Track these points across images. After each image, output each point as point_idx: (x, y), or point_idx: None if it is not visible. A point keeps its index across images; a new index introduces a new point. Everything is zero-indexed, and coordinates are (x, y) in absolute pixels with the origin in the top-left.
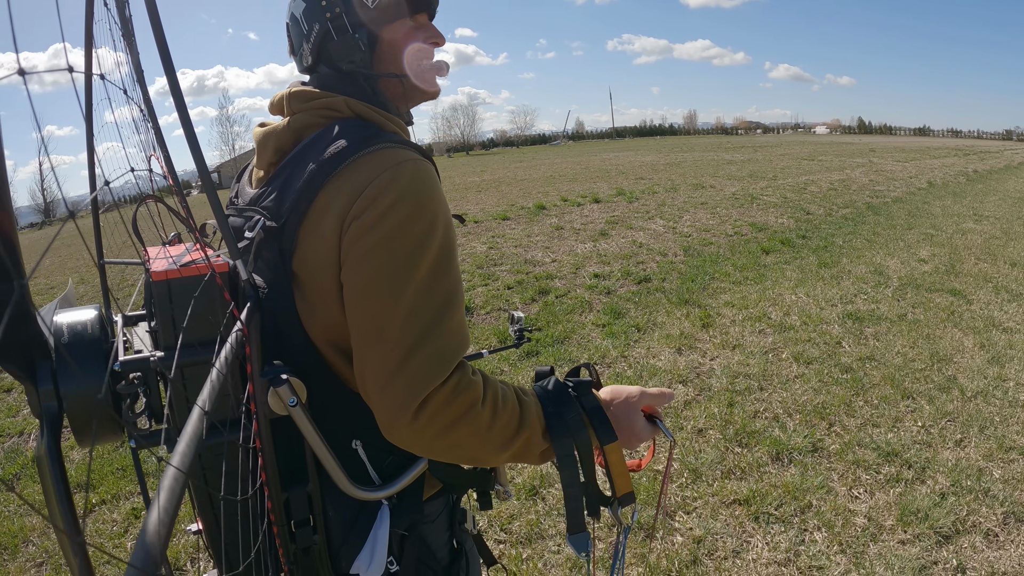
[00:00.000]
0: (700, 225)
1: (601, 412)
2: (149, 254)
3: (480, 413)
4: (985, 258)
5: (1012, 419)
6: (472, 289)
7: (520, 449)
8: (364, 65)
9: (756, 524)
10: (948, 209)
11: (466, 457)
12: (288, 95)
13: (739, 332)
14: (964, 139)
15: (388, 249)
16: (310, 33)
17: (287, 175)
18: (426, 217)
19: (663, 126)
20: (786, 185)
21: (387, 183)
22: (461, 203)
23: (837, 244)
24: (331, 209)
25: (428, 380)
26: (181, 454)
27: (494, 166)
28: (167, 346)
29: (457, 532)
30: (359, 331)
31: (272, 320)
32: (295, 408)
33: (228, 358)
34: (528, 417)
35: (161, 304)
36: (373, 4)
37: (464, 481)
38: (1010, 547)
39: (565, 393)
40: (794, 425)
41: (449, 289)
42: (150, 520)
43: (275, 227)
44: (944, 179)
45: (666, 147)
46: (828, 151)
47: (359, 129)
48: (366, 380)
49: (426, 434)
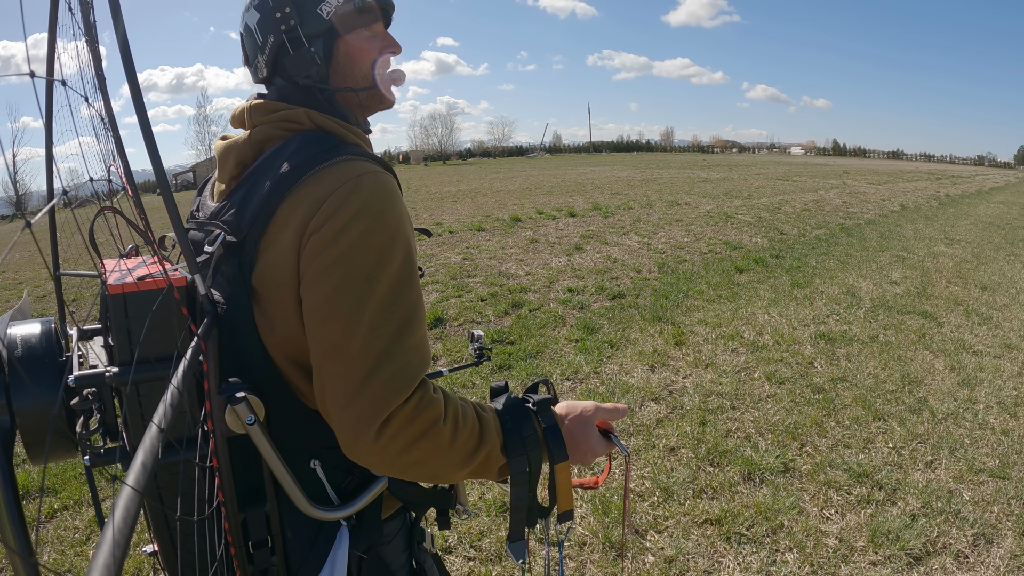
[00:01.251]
0: (675, 242)
1: (557, 431)
2: (106, 267)
3: (442, 430)
4: (956, 281)
5: (982, 441)
6: (445, 300)
7: (480, 465)
8: (321, 79)
9: (728, 544)
10: (920, 232)
11: (427, 474)
12: (249, 108)
13: (712, 350)
14: (937, 163)
15: (348, 264)
16: (264, 45)
17: (247, 189)
18: (386, 231)
19: (640, 142)
20: (761, 204)
21: (347, 195)
22: (437, 212)
23: (810, 265)
24: (291, 222)
25: (391, 399)
26: (136, 473)
27: (471, 176)
28: (123, 361)
29: (416, 552)
30: (319, 348)
31: (230, 336)
32: (253, 426)
33: (185, 375)
34: (488, 433)
35: (117, 318)
36: (328, 15)
37: (424, 500)
38: (980, 569)
39: (523, 410)
40: (766, 445)
41: (410, 305)
42: (104, 541)
43: (235, 242)
44: (917, 202)
45: (642, 163)
46: (803, 172)
47: (320, 141)
48: (326, 398)
49: (388, 452)
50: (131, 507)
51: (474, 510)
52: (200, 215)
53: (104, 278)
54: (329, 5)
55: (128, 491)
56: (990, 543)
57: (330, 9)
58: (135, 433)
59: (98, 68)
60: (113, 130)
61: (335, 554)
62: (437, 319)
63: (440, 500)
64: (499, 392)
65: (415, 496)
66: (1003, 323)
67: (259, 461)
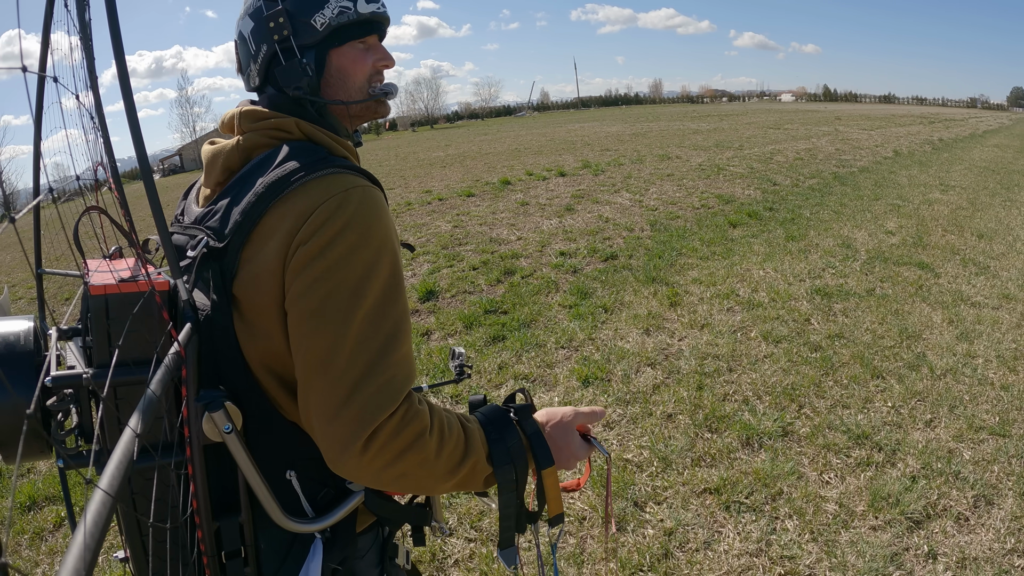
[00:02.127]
0: (666, 198)
1: (540, 437)
2: (89, 267)
3: (428, 443)
4: (952, 229)
5: (981, 398)
6: (437, 271)
7: (466, 476)
8: (311, 91)
9: (727, 514)
10: (914, 179)
11: (413, 486)
12: (239, 114)
13: (707, 310)
14: (929, 107)
15: (335, 278)
16: (257, 54)
17: (233, 195)
18: (373, 245)
19: (628, 95)
20: (752, 155)
21: (334, 209)
22: (425, 179)
23: (804, 216)
24: (276, 233)
25: (377, 413)
26: (110, 477)
27: (459, 140)
28: (101, 363)
29: (388, 567)
30: (304, 362)
31: (209, 343)
32: (230, 435)
33: (163, 379)
34: (473, 444)
35: (97, 319)
36: (323, 26)
37: (399, 516)
38: (980, 531)
39: (506, 419)
40: (764, 408)
41: (397, 319)
42: (74, 545)
43: (218, 247)
44: (910, 148)
45: (632, 117)
46: (794, 119)
47: (308, 152)
48: (311, 411)
49: (375, 466)
50: (103, 511)
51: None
52: (184, 219)
53: (87, 278)
54: (324, 16)
55: (100, 495)
56: (991, 504)
57: (324, 20)
58: (111, 436)
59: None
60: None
61: (308, 566)
62: (429, 292)
63: (415, 516)
64: (478, 405)
65: (390, 512)
66: (1000, 272)
67: (235, 470)
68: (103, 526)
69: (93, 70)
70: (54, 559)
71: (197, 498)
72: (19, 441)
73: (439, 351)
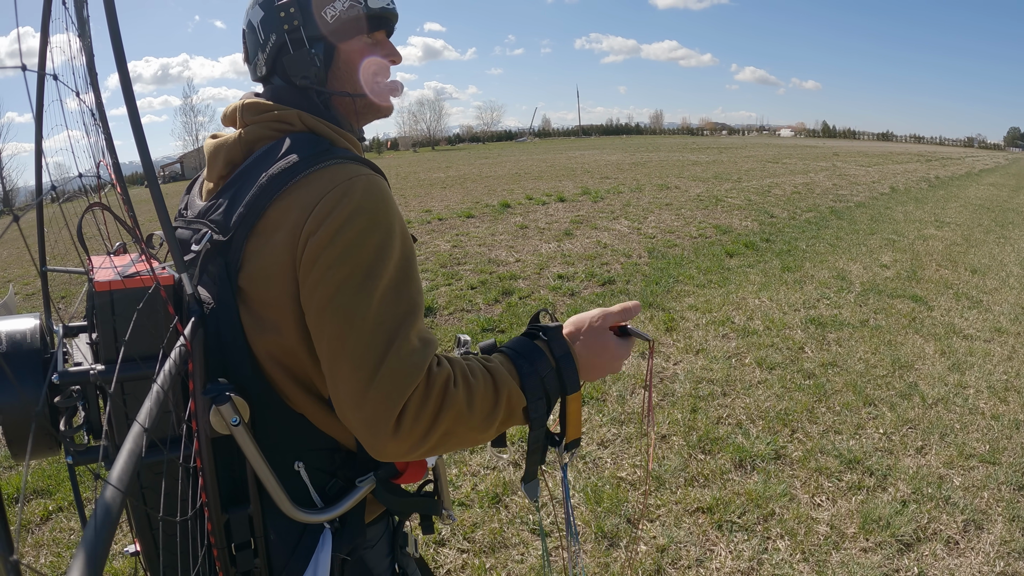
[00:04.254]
0: (665, 226)
1: (569, 359)
2: (93, 263)
3: (455, 395)
4: (946, 264)
5: (972, 426)
6: (435, 289)
7: (505, 415)
8: (318, 81)
9: (719, 532)
10: (910, 215)
11: (457, 444)
12: (241, 107)
13: (703, 336)
14: (927, 145)
15: (349, 263)
16: (266, 43)
17: (236, 188)
18: (382, 228)
19: (629, 125)
20: (750, 187)
21: (339, 198)
22: (426, 199)
23: (800, 248)
24: (282, 225)
25: (403, 390)
26: (119, 472)
27: (459, 162)
28: (108, 359)
29: (399, 556)
30: (328, 351)
31: (215, 336)
32: (237, 427)
33: (170, 374)
34: (502, 380)
35: (103, 315)
36: (332, 19)
37: (409, 506)
38: (970, 555)
39: (534, 348)
40: (757, 431)
41: (412, 296)
42: (85, 540)
43: (222, 241)
44: (907, 184)
45: (632, 146)
46: (792, 154)
47: (311, 144)
48: (340, 399)
49: (413, 438)
50: (113, 506)
51: (458, 515)
52: (188, 213)
53: (91, 275)
54: (334, 9)
55: (110, 490)
56: (980, 529)
57: (335, 13)
58: (119, 432)
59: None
60: (104, 127)
61: (318, 556)
62: (427, 308)
63: (424, 506)
64: (489, 350)
65: (399, 502)
66: (993, 307)
67: (243, 462)
68: (113, 521)
69: (92, 67)
70: (39, 552)
71: (206, 491)
72: (28, 438)
73: None
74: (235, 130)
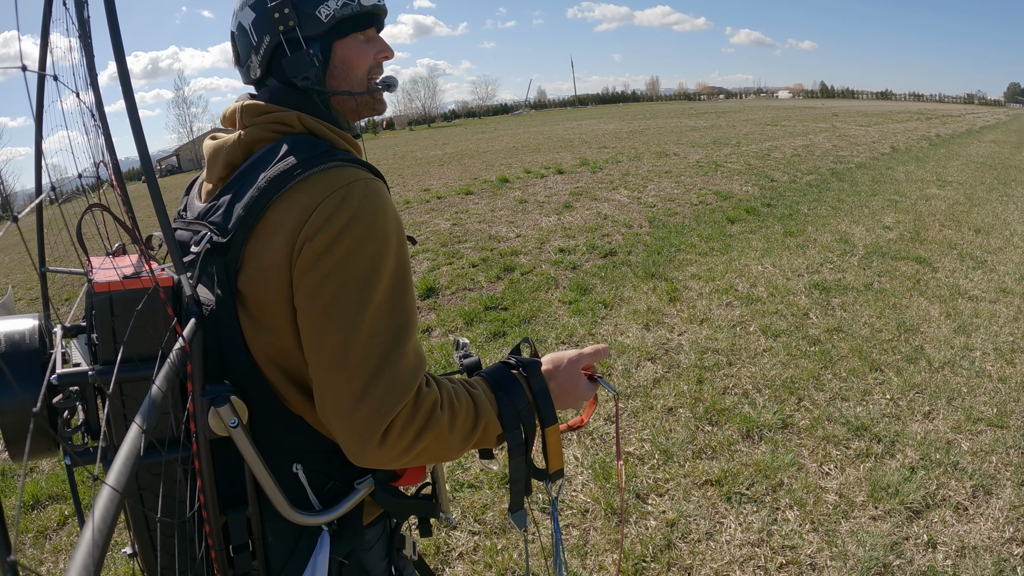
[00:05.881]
0: (665, 195)
1: (546, 394)
2: (92, 264)
3: (441, 419)
4: (949, 224)
5: (979, 390)
6: (437, 268)
7: (479, 439)
8: (318, 81)
9: (729, 505)
10: (912, 175)
11: (431, 458)
12: (240, 108)
13: (706, 305)
14: (926, 103)
15: (344, 273)
16: (260, 45)
17: (236, 190)
18: (379, 238)
19: (626, 93)
20: (750, 151)
21: (338, 203)
22: (424, 178)
23: (802, 212)
24: (281, 228)
25: (392, 405)
26: (117, 473)
27: (456, 138)
28: (106, 360)
29: (396, 559)
30: (319, 358)
31: (214, 338)
32: (236, 429)
33: (169, 375)
34: (482, 408)
35: (102, 316)
36: (327, 17)
37: (406, 509)
38: (979, 520)
39: (511, 378)
40: (763, 401)
41: (406, 309)
42: (83, 541)
43: (221, 243)
44: (907, 144)
45: (629, 114)
46: (791, 116)
47: (310, 146)
48: (327, 406)
49: (395, 452)
50: (111, 507)
51: (468, 497)
52: (187, 215)
53: (91, 276)
54: (328, 8)
55: (108, 491)
56: (989, 494)
57: (329, 12)
58: (117, 433)
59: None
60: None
61: (316, 559)
62: (429, 289)
63: (422, 509)
64: (474, 368)
65: (397, 505)
66: (998, 266)
67: (241, 464)
68: (111, 522)
69: (93, 67)
70: (58, 557)
71: (204, 492)
72: (26, 439)
73: (440, 347)
74: (234, 131)
